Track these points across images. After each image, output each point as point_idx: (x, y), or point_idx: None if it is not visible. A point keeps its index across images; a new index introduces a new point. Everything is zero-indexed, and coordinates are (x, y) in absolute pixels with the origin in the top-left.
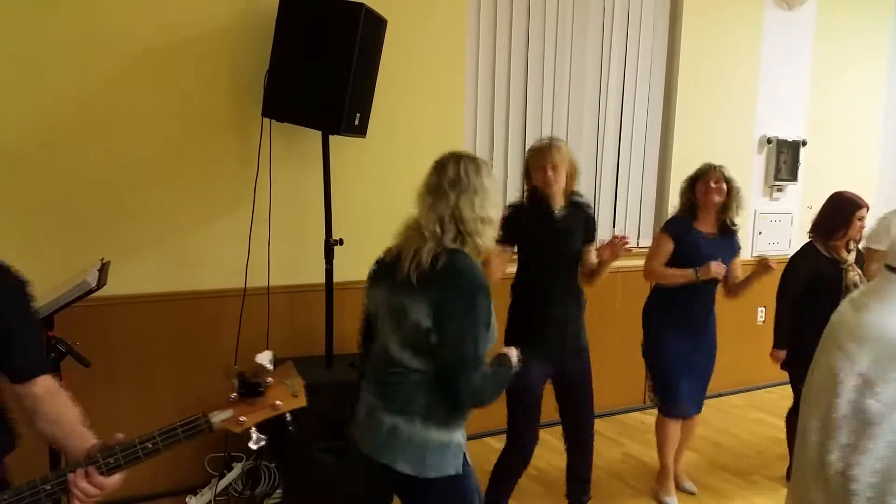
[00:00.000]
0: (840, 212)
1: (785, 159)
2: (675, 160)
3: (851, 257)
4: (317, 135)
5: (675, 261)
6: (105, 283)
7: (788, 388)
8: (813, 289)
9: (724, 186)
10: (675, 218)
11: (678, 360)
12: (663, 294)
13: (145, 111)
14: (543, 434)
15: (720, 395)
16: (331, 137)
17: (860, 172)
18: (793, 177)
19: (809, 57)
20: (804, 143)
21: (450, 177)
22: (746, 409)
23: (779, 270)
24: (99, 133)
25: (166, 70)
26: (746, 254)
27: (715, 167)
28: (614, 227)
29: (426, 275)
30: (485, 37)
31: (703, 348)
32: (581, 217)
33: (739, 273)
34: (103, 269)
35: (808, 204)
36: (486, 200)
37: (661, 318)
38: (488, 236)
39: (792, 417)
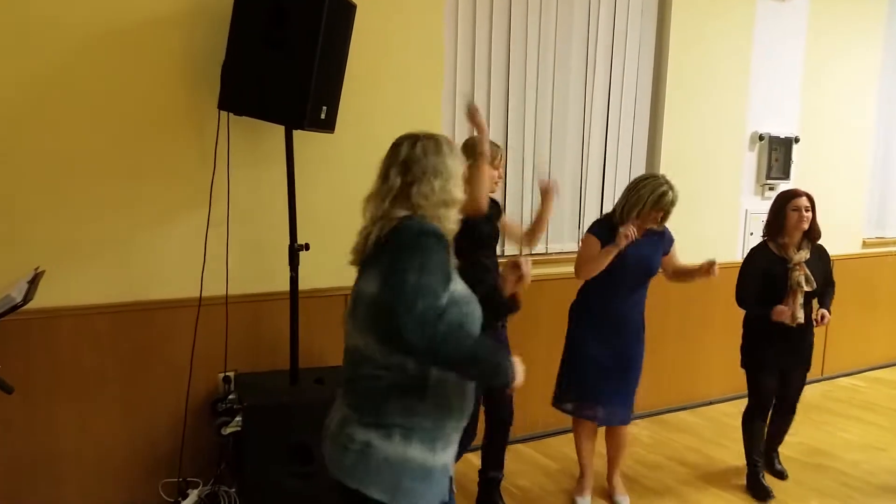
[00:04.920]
0: (775, 206)
1: (777, 156)
2: (664, 157)
3: (799, 256)
4: (280, 130)
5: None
6: (32, 298)
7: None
8: (763, 287)
9: None
10: (603, 221)
11: (596, 362)
12: (585, 296)
13: (89, 103)
14: (524, 448)
15: (710, 403)
16: (295, 133)
17: (853, 169)
18: (785, 175)
19: (802, 50)
20: (797, 140)
21: (399, 160)
22: (738, 416)
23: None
24: (37, 127)
25: (112, 58)
26: (738, 255)
27: (673, 188)
28: None
29: (377, 247)
30: (464, 21)
31: (624, 356)
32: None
33: (679, 260)
34: (34, 281)
35: None
36: (448, 181)
37: (582, 319)
38: (452, 219)
39: (749, 420)
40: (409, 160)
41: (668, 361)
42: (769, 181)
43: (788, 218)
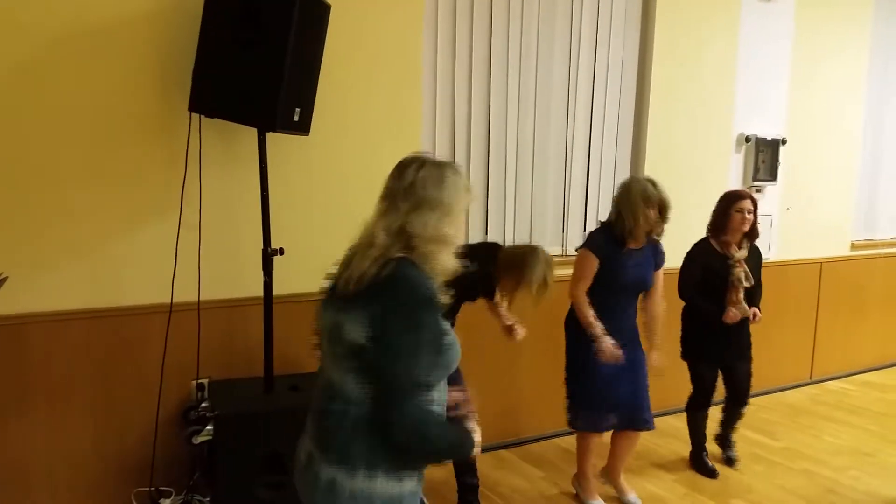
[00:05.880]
0: (720, 206)
1: (764, 158)
2: (649, 159)
3: (740, 254)
4: (253, 132)
5: (599, 277)
6: None
7: (769, 398)
8: (704, 282)
9: None
10: (603, 233)
11: (604, 370)
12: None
13: (58, 104)
14: (506, 454)
15: None
16: (269, 135)
17: (841, 171)
18: (772, 177)
19: (789, 50)
20: (784, 142)
21: (404, 184)
22: None
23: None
24: (3, 128)
25: (82, 58)
26: None
27: (655, 183)
28: (584, 230)
29: (367, 285)
30: (444, 21)
31: (628, 359)
32: None
33: (660, 284)
34: None
35: (787, 206)
36: (443, 218)
37: (581, 332)
38: (445, 259)
39: (691, 409)
40: (410, 187)
41: (652, 366)
42: (756, 183)
43: (732, 219)
